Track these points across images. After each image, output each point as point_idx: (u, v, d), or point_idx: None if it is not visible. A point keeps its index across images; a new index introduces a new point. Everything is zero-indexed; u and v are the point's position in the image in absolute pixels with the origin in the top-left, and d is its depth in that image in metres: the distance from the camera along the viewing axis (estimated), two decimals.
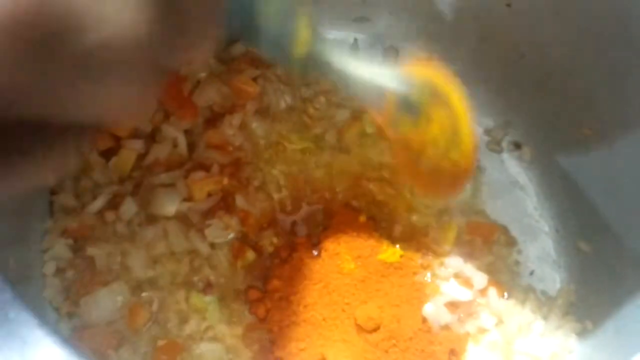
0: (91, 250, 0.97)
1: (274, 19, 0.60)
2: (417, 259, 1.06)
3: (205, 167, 1.05)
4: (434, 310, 1.00)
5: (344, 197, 1.09)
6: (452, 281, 1.04)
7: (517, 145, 1.20)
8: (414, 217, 1.10)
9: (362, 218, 1.07)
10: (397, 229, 1.08)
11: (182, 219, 1.02)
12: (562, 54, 1.04)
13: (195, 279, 1.00)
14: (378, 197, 1.10)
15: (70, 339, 0.91)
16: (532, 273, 1.12)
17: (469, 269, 1.06)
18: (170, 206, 1.01)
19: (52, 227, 0.98)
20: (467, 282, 1.04)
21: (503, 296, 1.05)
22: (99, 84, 0.41)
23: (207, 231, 1.01)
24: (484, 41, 1.15)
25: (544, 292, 1.09)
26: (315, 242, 1.05)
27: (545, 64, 1.08)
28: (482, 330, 1.02)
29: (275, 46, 0.62)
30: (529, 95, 1.14)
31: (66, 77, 0.39)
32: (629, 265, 0.96)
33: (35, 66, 0.37)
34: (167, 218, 1.01)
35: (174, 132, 1.06)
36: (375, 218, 1.08)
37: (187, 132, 1.07)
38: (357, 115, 1.16)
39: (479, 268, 1.06)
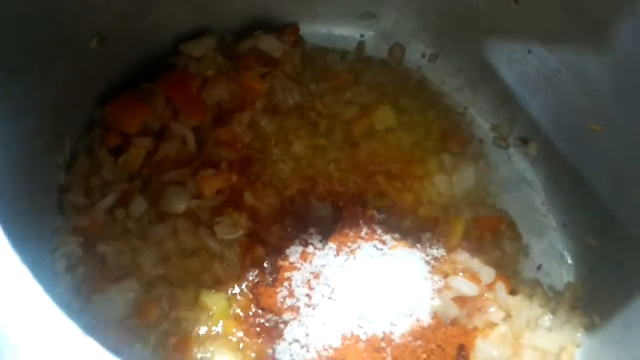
0: (102, 248, 0.97)
1: None
2: (425, 253, 1.06)
3: (215, 165, 1.05)
4: (442, 305, 1.00)
5: (352, 192, 1.10)
6: (459, 276, 1.04)
7: (524, 141, 1.20)
8: (422, 211, 1.10)
9: (371, 212, 1.07)
10: (405, 223, 1.09)
11: (191, 216, 1.03)
12: (569, 49, 1.04)
13: (205, 275, 1.00)
14: (386, 191, 1.11)
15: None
16: (539, 268, 1.12)
17: (477, 264, 1.06)
18: (180, 204, 1.02)
19: (63, 226, 0.98)
20: (474, 277, 1.05)
21: (511, 291, 1.06)
22: None
23: (216, 228, 1.02)
24: (491, 37, 1.15)
25: (551, 287, 1.10)
26: (324, 236, 1.05)
27: (552, 60, 1.08)
28: (490, 325, 1.02)
29: None
30: (536, 91, 1.15)
31: None
32: (637, 260, 0.97)
33: None
34: (177, 216, 1.02)
35: (183, 130, 1.06)
36: (383, 212, 1.09)
37: (196, 130, 1.08)
38: (366, 111, 1.16)
39: (487, 263, 1.06)
